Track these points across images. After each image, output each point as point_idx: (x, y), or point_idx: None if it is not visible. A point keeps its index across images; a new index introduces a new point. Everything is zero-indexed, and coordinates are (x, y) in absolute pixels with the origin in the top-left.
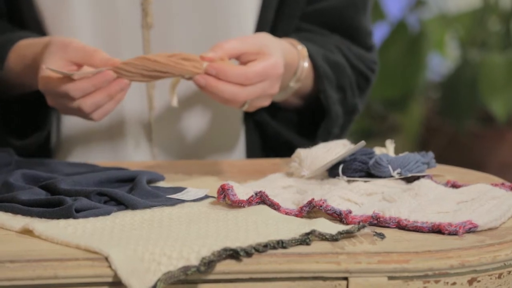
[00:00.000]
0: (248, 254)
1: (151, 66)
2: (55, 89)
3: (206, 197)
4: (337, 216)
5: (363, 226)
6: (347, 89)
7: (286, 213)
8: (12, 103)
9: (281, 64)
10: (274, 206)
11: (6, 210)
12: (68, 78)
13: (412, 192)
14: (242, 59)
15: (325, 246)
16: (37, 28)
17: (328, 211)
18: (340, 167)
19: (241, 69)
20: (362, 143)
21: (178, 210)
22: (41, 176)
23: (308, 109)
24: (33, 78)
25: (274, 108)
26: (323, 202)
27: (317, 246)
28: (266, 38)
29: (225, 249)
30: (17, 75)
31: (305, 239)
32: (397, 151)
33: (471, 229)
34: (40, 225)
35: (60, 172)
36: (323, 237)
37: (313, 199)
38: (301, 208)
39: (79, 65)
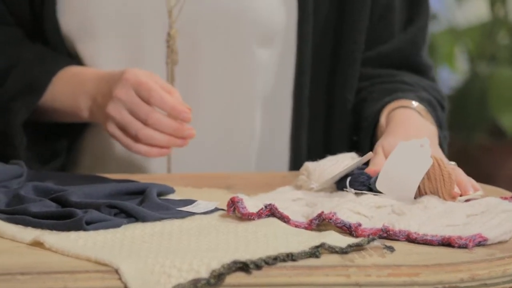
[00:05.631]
0: (258, 266)
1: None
2: (137, 94)
3: (216, 209)
4: (347, 229)
5: (373, 239)
6: (442, 124)
7: (296, 226)
8: (39, 130)
9: None
10: (284, 219)
11: (17, 222)
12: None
13: (421, 205)
14: None
15: (335, 259)
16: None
17: (338, 224)
18: (348, 179)
19: None
20: (370, 154)
21: (188, 223)
22: (52, 188)
23: None
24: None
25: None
26: (333, 215)
27: (326, 259)
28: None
29: (235, 262)
30: (61, 102)
31: (314, 252)
32: None
33: (481, 243)
34: (51, 237)
35: (70, 184)
36: (332, 250)
37: (323, 212)
38: (311, 221)
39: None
